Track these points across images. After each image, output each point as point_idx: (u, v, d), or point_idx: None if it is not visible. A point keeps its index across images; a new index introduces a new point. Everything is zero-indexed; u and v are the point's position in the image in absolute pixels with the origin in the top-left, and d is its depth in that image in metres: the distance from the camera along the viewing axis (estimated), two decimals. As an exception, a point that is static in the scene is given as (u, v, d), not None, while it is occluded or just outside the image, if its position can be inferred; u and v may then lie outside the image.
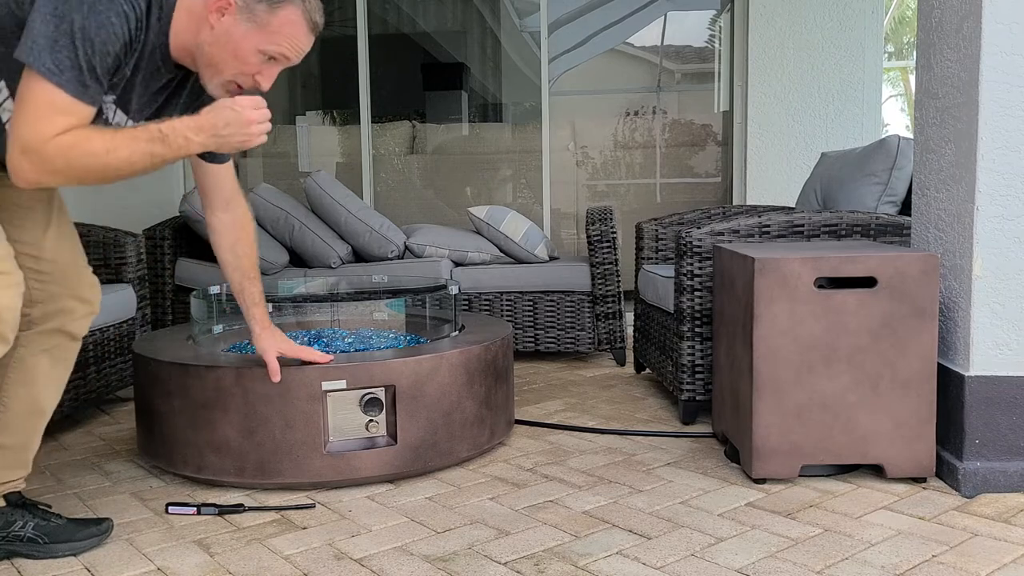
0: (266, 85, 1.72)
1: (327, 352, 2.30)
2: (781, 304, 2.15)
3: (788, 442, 2.18)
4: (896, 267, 2.14)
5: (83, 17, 1.52)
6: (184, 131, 1.63)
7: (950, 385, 2.20)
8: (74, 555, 1.87)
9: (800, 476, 2.24)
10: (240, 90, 1.72)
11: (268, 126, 1.69)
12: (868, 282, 2.16)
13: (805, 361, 2.17)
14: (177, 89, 1.80)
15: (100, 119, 1.69)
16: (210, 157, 1.98)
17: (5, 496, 1.90)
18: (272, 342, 2.17)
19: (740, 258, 2.27)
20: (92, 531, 1.91)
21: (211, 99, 1.74)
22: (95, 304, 1.98)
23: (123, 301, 3.11)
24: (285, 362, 2.20)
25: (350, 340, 2.60)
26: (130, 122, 1.76)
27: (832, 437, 2.18)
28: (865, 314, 2.15)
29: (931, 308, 2.14)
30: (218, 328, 2.69)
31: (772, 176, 4.64)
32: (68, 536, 1.88)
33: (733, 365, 2.36)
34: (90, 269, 2.01)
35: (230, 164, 2.04)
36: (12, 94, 1.64)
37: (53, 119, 1.54)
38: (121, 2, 1.55)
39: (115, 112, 1.72)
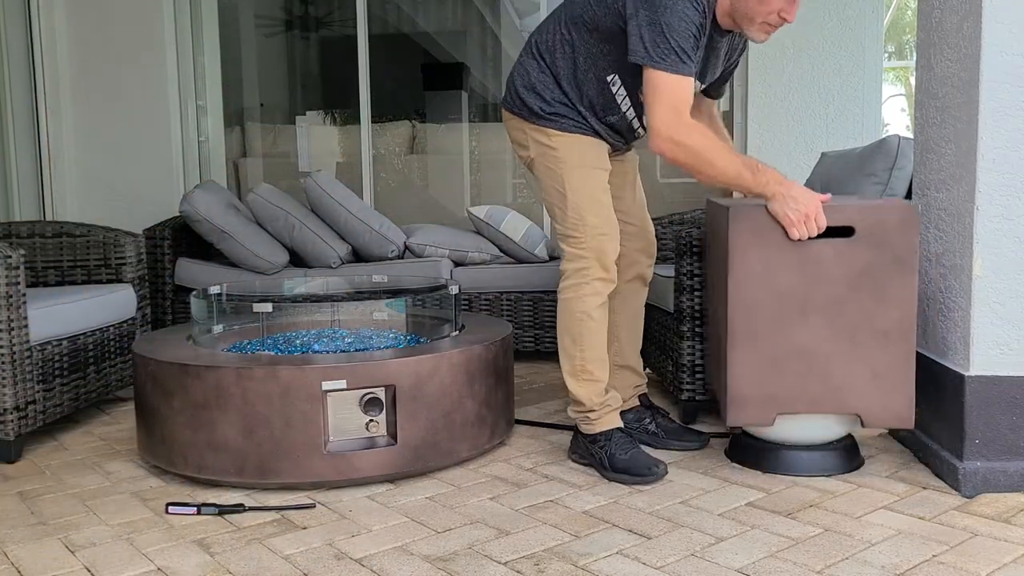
0: (791, 18, 2.16)
1: (327, 352, 2.29)
2: (756, 253, 2.13)
3: (763, 391, 2.16)
4: (875, 217, 2.11)
5: (668, 15, 2.07)
6: (772, 176, 2.12)
7: (950, 385, 2.20)
8: (681, 450, 2.48)
9: (777, 419, 2.23)
10: (772, 28, 2.18)
11: (807, 232, 2.10)
12: (846, 232, 2.13)
13: (781, 311, 2.14)
14: (718, 48, 2.30)
15: None
16: (714, 92, 2.50)
17: (639, 398, 2.60)
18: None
19: (722, 209, 2.24)
20: (694, 438, 2.51)
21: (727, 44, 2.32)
22: (655, 256, 2.60)
23: (123, 301, 3.11)
24: (285, 362, 2.20)
25: (350, 340, 2.60)
26: (700, 83, 2.31)
27: (808, 386, 2.16)
28: (843, 264, 2.12)
29: (910, 259, 2.11)
30: (218, 328, 2.69)
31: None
32: (678, 436, 2.52)
33: (716, 319, 2.35)
34: (652, 229, 2.60)
35: (717, 105, 2.57)
36: (623, 85, 2.27)
37: (676, 95, 2.11)
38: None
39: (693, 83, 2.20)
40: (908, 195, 3.00)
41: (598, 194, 2.32)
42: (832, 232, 2.13)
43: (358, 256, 4.01)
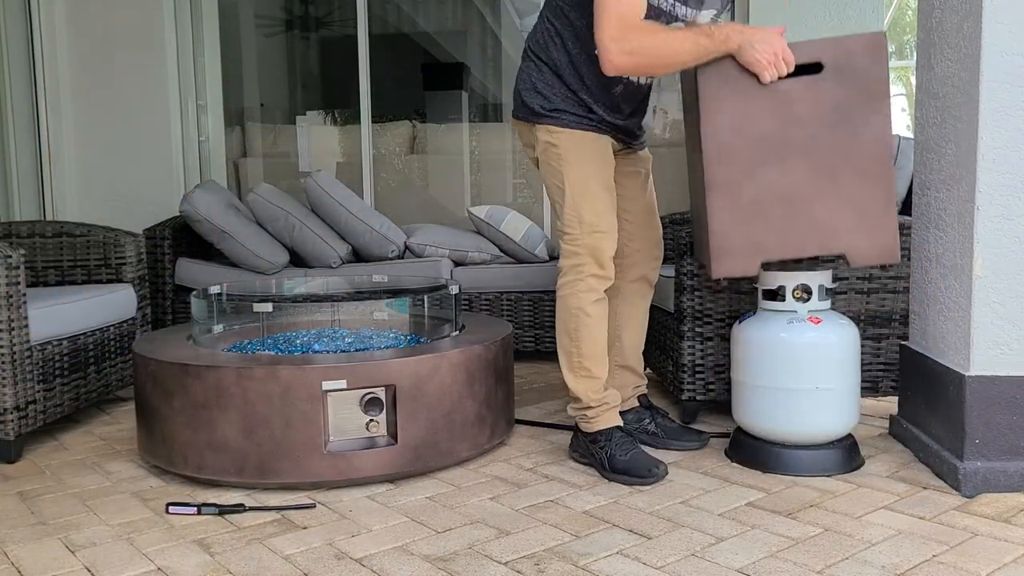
0: None
1: (327, 351, 2.29)
2: (728, 101, 2.11)
3: (747, 239, 2.13)
4: (841, 49, 2.08)
5: None
6: (728, 31, 2.07)
7: (950, 385, 2.20)
8: (680, 450, 2.49)
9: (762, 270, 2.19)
10: None
11: (777, 73, 2.06)
12: (814, 69, 2.10)
13: (758, 156, 2.11)
14: None
15: (668, 17, 2.19)
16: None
17: (638, 399, 2.58)
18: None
19: (689, 72, 2.21)
20: (694, 438, 2.51)
21: None
22: (660, 259, 2.57)
23: (123, 301, 3.11)
24: (285, 362, 2.20)
25: (350, 340, 2.60)
26: (692, 11, 2.23)
27: (791, 230, 2.13)
28: (815, 103, 2.10)
29: (881, 89, 2.09)
30: (218, 328, 2.69)
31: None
32: (678, 436, 2.52)
33: (695, 183, 2.31)
34: (660, 232, 2.58)
35: None
36: None
37: (621, 5, 2.07)
38: None
39: (682, 8, 2.20)
40: (908, 195, 3.00)
41: (597, 191, 2.31)
42: (800, 71, 2.10)
43: (358, 256, 4.02)
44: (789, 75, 2.09)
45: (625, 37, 2.08)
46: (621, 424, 2.38)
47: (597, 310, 2.33)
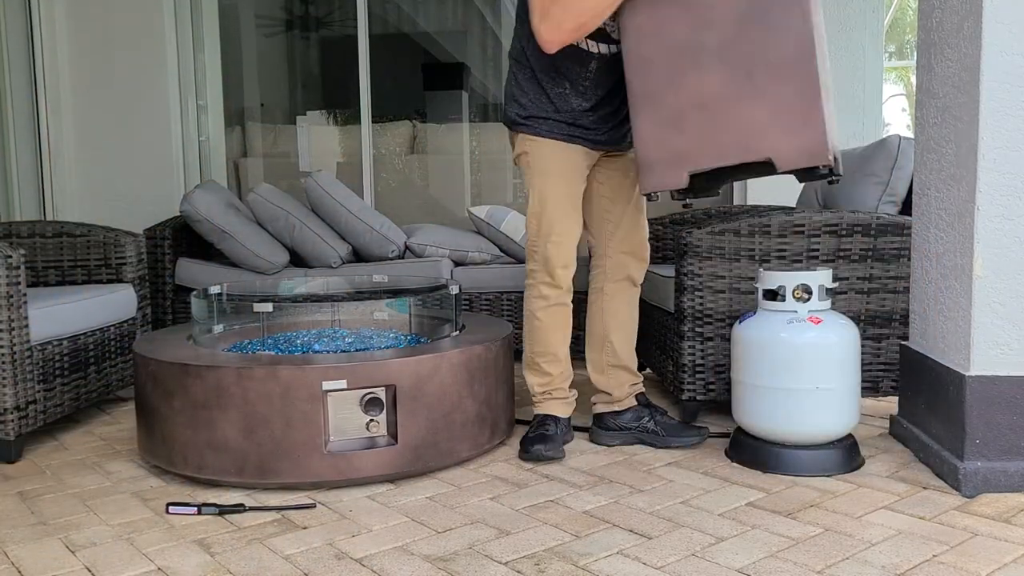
0: None
1: (329, 349, 2.29)
2: (643, 14, 2.10)
3: (670, 151, 2.10)
4: None
5: None
6: None
7: (950, 385, 2.20)
8: (681, 447, 2.51)
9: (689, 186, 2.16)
10: None
11: None
12: None
13: (675, 65, 2.09)
14: None
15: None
16: None
17: (636, 397, 2.61)
18: None
19: None
20: (694, 433, 2.51)
21: None
22: (647, 260, 2.60)
23: (123, 301, 3.11)
24: (285, 362, 2.20)
25: (350, 340, 2.60)
26: None
27: (714, 137, 2.09)
28: (728, 3, 2.06)
29: None
30: (218, 328, 2.69)
31: (773, 176, 4.64)
32: (678, 433, 2.52)
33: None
34: (646, 233, 2.60)
35: None
36: None
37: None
38: None
39: None
40: (909, 195, 3.00)
41: (557, 201, 2.41)
42: None
43: (358, 256, 4.02)
44: None
45: (548, 13, 2.18)
46: (559, 416, 2.55)
47: (547, 316, 2.46)
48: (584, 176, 2.48)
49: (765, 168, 2.10)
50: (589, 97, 2.40)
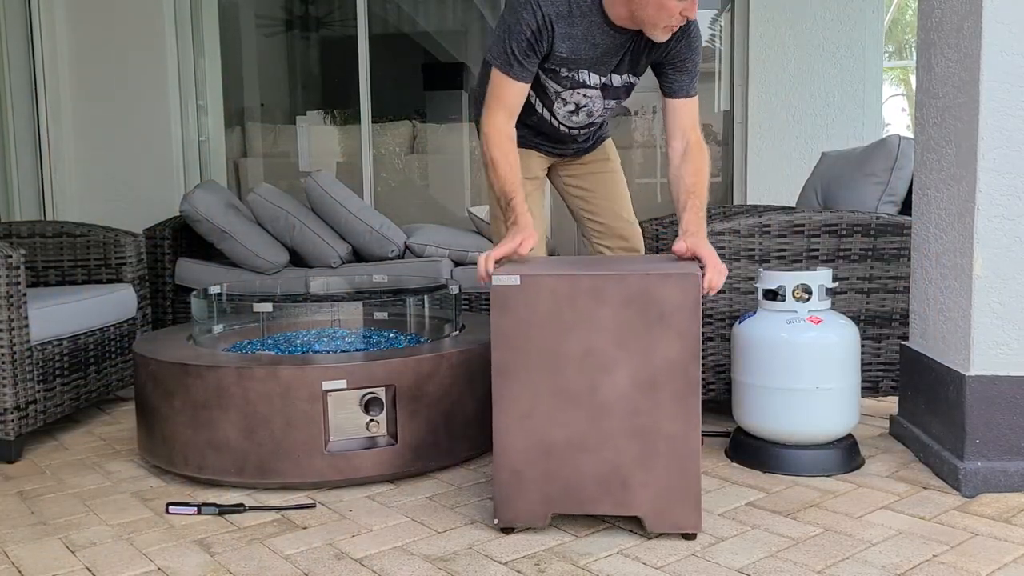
0: (693, 15, 2.15)
1: (329, 352, 2.29)
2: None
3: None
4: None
5: (512, 17, 2.18)
6: (516, 221, 2.15)
7: (950, 385, 2.20)
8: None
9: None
10: (675, 28, 2.17)
11: (486, 267, 2.01)
12: None
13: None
14: (630, 46, 2.30)
15: (572, 82, 2.32)
16: (670, 92, 2.34)
17: None
18: (686, 243, 2.08)
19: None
20: None
21: (652, 49, 2.30)
22: (632, 241, 2.64)
23: (123, 301, 3.11)
24: (286, 362, 2.20)
25: (350, 340, 2.60)
26: (605, 77, 2.34)
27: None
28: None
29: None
30: (218, 328, 2.69)
31: (772, 176, 4.63)
32: None
33: None
34: (632, 227, 2.65)
35: (690, 102, 2.35)
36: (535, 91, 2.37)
37: (496, 91, 2.24)
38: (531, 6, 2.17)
39: (587, 74, 2.31)
40: (908, 195, 3.00)
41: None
42: None
43: (358, 256, 4.01)
44: None
45: (486, 119, 2.25)
46: None
47: None
48: (541, 184, 2.55)
49: None
50: (554, 135, 2.50)
